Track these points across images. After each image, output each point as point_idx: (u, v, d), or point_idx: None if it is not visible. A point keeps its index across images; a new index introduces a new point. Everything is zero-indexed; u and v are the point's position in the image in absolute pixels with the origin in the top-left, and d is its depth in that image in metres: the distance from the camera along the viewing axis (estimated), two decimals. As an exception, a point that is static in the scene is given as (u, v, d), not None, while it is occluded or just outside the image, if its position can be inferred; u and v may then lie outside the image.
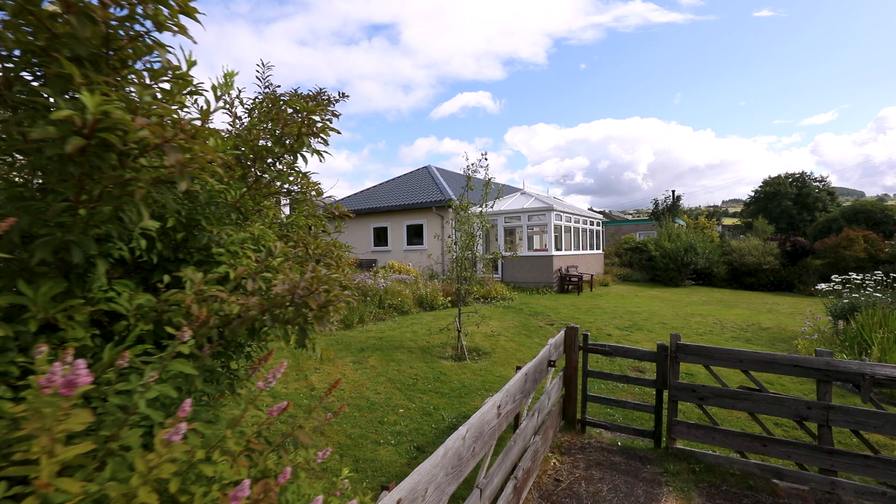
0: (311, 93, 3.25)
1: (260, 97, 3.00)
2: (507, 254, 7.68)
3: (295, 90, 3.17)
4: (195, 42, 1.27)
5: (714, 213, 49.76)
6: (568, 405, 4.31)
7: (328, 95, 3.35)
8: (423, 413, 4.47)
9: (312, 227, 2.68)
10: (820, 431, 3.42)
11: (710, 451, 3.84)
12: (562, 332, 4.21)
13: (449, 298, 11.33)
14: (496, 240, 17.51)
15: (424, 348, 7.05)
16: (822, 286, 8.84)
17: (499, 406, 2.41)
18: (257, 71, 3.08)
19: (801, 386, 5.57)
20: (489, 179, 6.57)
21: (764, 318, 11.20)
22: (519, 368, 2.96)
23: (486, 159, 6.48)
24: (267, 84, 3.12)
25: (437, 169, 23.25)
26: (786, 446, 3.50)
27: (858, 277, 8.51)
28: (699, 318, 10.87)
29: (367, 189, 25.32)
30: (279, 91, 3.14)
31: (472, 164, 6.62)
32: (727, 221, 51.13)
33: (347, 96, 3.58)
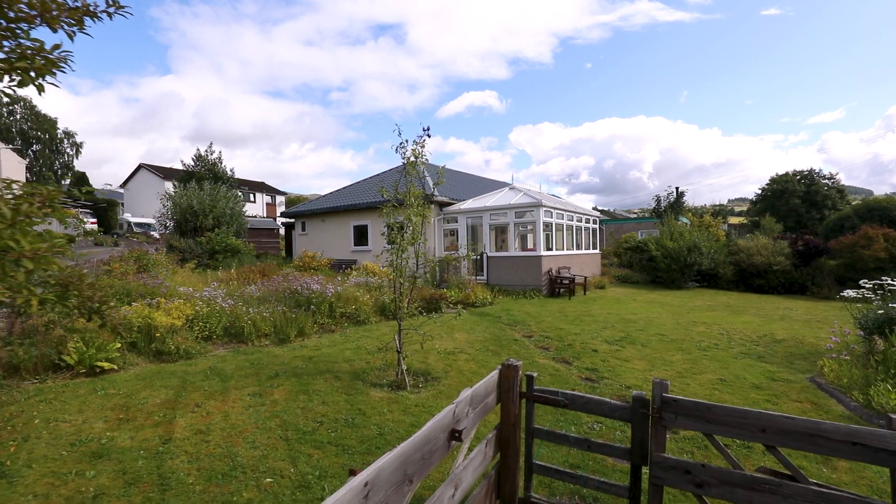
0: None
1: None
2: (467, 255, 6.28)
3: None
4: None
5: (720, 211, 47.96)
6: (504, 479, 2.94)
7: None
8: (298, 485, 3.10)
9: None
10: (900, 557, 2.03)
11: (715, 568, 2.46)
12: (492, 375, 2.83)
13: (416, 305, 9.94)
14: (482, 239, 16.12)
15: (357, 373, 5.67)
16: (850, 293, 7.38)
17: None
18: None
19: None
20: (412, 159, 5.10)
21: (777, 326, 9.75)
22: (354, 473, 1.58)
23: (427, 134, 5.07)
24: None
25: (426, 164, 21.85)
26: (840, 576, 2.12)
27: (894, 283, 7.04)
28: (703, 326, 9.44)
29: (352, 184, 23.96)
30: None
31: (404, 143, 5.19)
32: (733, 220, 49.31)
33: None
